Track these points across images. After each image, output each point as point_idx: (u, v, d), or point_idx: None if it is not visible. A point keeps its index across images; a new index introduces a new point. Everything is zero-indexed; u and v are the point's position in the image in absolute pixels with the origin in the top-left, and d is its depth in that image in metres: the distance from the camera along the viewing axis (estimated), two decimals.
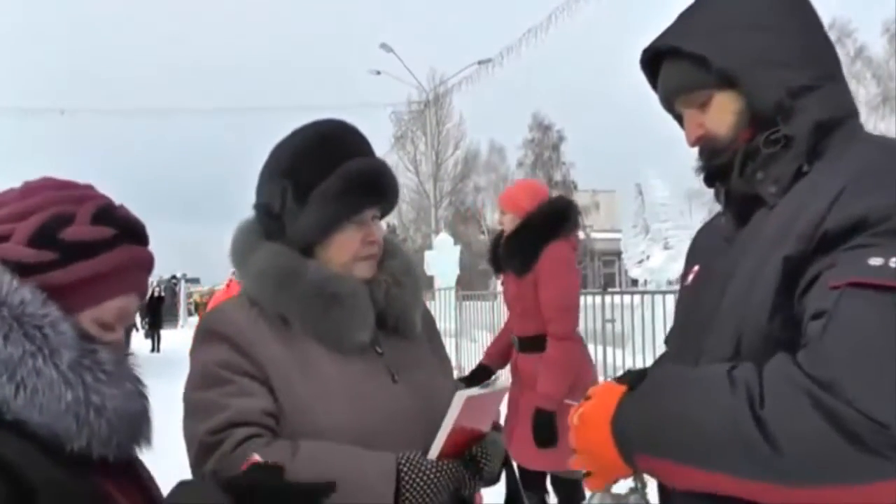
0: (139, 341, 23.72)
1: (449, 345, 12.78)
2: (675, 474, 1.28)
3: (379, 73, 32.63)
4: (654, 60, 1.57)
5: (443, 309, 14.07)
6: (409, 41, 51.81)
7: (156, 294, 26.18)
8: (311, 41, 69.56)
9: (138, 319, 26.21)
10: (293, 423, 1.63)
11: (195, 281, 46.77)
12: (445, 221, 40.97)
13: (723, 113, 1.47)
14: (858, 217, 1.22)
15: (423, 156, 42.75)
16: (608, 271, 47.92)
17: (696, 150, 1.55)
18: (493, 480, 1.78)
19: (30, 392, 1.16)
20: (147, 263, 1.38)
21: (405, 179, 46.27)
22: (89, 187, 1.38)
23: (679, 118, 1.59)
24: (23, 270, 1.22)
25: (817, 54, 1.45)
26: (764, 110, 1.42)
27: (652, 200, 11.56)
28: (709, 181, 1.55)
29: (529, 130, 45.44)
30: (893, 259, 1.17)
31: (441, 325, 14.04)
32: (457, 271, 17.29)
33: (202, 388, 1.66)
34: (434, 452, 1.62)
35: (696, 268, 1.63)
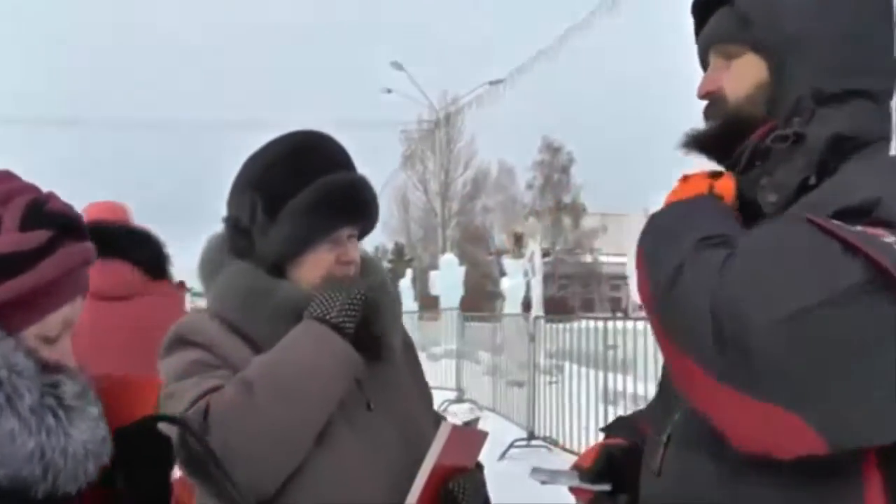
0: None
1: (451, 366, 12.81)
2: None
3: (390, 91, 32.77)
4: (708, 7, 1.45)
5: (446, 329, 13.99)
6: (420, 60, 51.99)
7: None
8: (321, 58, 69.94)
9: None
10: None
11: (200, 295, 46.75)
12: (453, 241, 40.94)
13: (744, 76, 1.36)
14: None
15: (431, 175, 42.84)
16: (615, 295, 47.77)
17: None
18: None
19: None
20: (90, 259, 1.21)
21: (413, 198, 46.40)
22: (7, 177, 1.19)
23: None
24: None
25: (867, 67, 1.32)
26: (782, 98, 1.31)
27: None
28: (696, 147, 1.41)
29: (539, 152, 45.45)
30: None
31: (444, 345, 14.00)
32: (461, 292, 17.26)
33: (178, 380, 1.56)
34: (419, 485, 1.54)
35: None
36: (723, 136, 1.36)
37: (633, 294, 11.99)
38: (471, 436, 1.70)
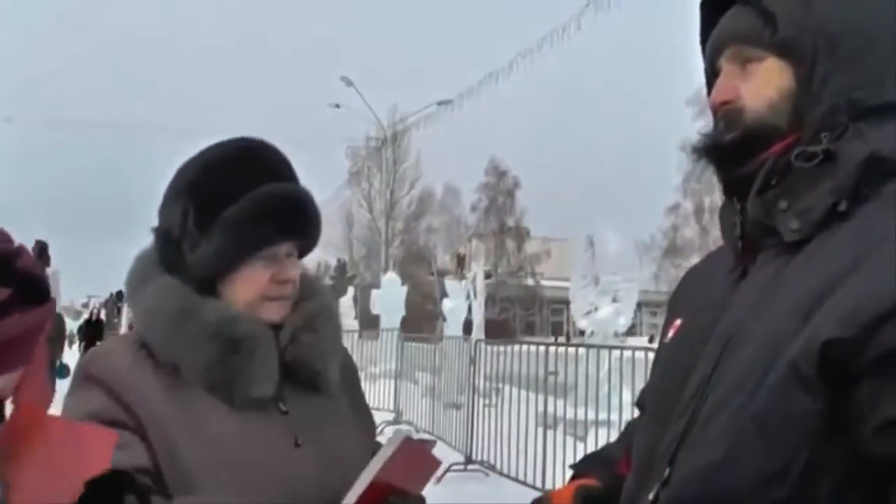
0: (74, 365, 22.83)
1: (389, 386, 12.70)
2: None
3: (338, 106, 32.61)
4: (725, 1, 1.27)
5: (386, 349, 13.89)
6: (370, 77, 51.94)
7: (93, 317, 25.19)
8: (269, 70, 69.57)
9: (76, 343, 25.27)
10: (172, 491, 1.41)
11: None
12: (396, 260, 40.83)
13: (766, 84, 1.17)
14: None
15: (377, 193, 42.72)
16: (556, 319, 48.11)
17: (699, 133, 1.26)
18: None
19: None
20: (43, 328, 1.06)
21: (358, 216, 46.26)
22: None
23: (712, 82, 1.27)
24: None
25: None
26: (809, 110, 1.13)
27: (603, 252, 11.58)
28: (708, 156, 1.23)
29: (485, 174, 45.80)
30: None
31: (383, 366, 13.87)
32: (402, 312, 17.15)
33: None
34: (359, 488, 1.42)
35: (678, 322, 1.33)
36: (739, 147, 1.19)
37: (575, 319, 12.03)
38: (423, 457, 1.58)
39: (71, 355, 18.42)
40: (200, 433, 1.44)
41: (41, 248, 11.80)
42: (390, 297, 17.55)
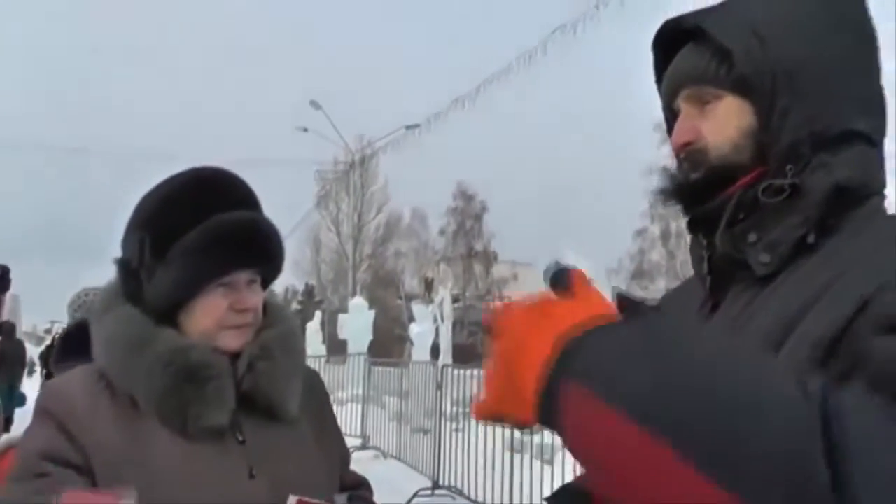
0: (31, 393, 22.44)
1: (357, 411, 12.60)
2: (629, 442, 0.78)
3: (306, 129, 32.54)
4: (677, 40, 1.24)
5: (353, 374, 13.83)
6: (338, 101, 51.98)
7: (54, 342, 24.76)
8: (236, 92, 69.34)
9: (38, 367, 24.87)
10: None
11: None
12: (363, 285, 40.70)
13: (725, 121, 1.16)
14: None
15: (345, 217, 42.62)
16: None
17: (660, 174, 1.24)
18: None
19: None
20: None
21: (326, 240, 46.09)
22: None
23: (670, 121, 1.27)
24: None
25: (867, 105, 1.14)
26: (772, 145, 1.12)
27: None
28: (675, 196, 1.22)
29: (453, 199, 45.79)
30: None
31: (350, 390, 13.80)
32: (369, 336, 17.10)
33: (15, 478, 1.44)
34: None
35: None
36: (704, 186, 1.18)
37: None
38: None
39: (31, 383, 18.11)
40: (148, 465, 1.43)
41: (1, 272, 11.63)
42: (358, 321, 17.50)
